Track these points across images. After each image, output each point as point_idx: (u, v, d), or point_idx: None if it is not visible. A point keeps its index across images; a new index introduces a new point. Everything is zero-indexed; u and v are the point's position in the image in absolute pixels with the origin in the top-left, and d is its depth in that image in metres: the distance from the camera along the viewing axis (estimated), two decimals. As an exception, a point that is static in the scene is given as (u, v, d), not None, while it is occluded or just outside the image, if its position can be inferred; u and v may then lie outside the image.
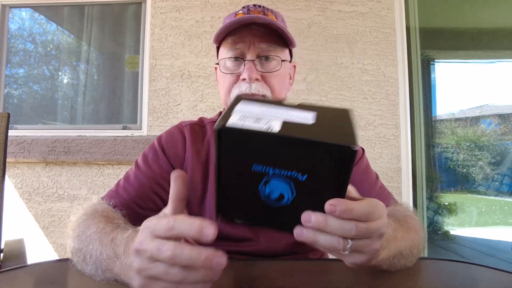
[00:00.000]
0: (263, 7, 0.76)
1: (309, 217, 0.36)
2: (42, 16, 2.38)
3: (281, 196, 0.35)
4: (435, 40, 2.36)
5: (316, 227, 0.36)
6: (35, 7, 2.33)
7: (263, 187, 0.35)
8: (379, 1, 2.04)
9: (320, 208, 0.35)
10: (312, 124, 0.34)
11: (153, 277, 0.36)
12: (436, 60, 2.41)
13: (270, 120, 0.34)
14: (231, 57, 0.74)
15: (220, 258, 0.34)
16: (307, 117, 0.36)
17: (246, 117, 0.34)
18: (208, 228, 0.34)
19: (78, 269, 0.55)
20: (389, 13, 2.03)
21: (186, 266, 0.34)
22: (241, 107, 0.37)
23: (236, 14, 0.75)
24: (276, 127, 0.33)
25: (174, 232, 0.35)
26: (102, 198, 0.72)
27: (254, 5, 0.76)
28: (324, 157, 0.33)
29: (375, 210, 0.37)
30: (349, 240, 0.37)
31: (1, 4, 2.23)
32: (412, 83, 2.09)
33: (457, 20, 2.38)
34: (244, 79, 0.72)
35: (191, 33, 2.08)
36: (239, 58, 0.74)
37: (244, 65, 0.73)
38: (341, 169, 0.33)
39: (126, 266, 0.43)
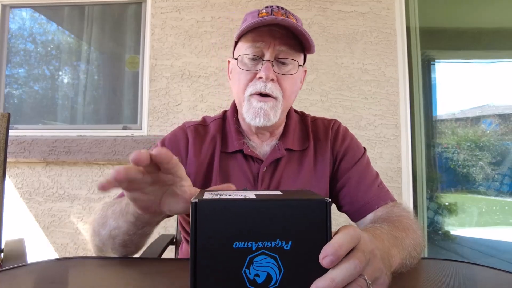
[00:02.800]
0: (286, 10, 0.78)
1: None
2: (42, 16, 2.38)
3: (268, 278, 0.34)
4: (435, 40, 2.36)
5: None
6: (35, 7, 2.33)
7: (247, 270, 0.34)
8: (379, 1, 2.03)
9: (312, 277, 0.34)
10: (282, 194, 0.39)
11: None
12: (436, 60, 2.41)
13: (244, 194, 0.37)
14: (249, 55, 0.74)
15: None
16: (275, 192, 0.40)
17: (220, 195, 0.37)
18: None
19: (96, 247, 0.65)
20: (389, 13, 2.03)
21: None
22: (209, 193, 0.39)
23: (259, 12, 0.76)
24: (251, 196, 0.36)
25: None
26: (114, 199, 0.74)
27: (278, 7, 0.77)
28: (303, 216, 0.34)
29: (351, 228, 0.36)
30: (364, 279, 0.35)
31: (2, 4, 2.23)
32: (412, 83, 2.08)
33: (457, 20, 2.38)
34: (260, 78, 0.73)
35: (192, 33, 2.08)
36: (258, 57, 0.75)
37: (262, 64, 0.74)
38: (322, 224, 0.34)
39: None
